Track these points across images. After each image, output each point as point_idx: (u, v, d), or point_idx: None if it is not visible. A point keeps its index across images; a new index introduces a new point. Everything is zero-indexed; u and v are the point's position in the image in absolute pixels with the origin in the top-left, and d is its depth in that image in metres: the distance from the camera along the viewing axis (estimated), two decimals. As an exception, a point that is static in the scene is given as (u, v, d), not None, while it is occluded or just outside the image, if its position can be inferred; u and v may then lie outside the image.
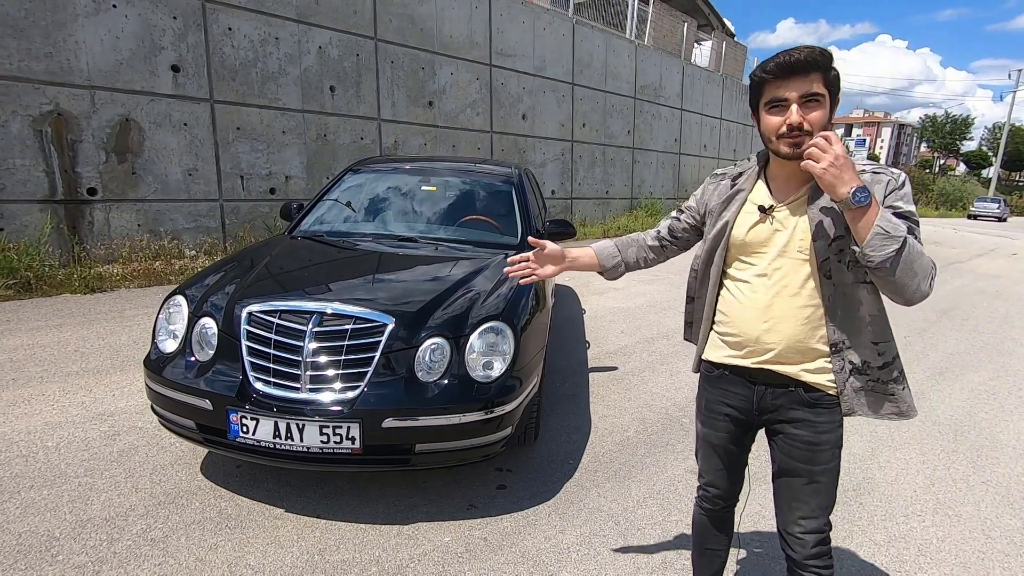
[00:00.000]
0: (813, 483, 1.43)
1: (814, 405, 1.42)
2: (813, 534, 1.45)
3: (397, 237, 3.31)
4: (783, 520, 1.50)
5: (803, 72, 1.26)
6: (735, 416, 1.53)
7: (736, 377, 1.51)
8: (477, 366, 2.25)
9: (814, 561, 1.45)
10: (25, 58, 5.77)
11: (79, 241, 6.18)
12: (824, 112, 1.29)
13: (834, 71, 1.29)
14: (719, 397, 1.56)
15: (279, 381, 2.12)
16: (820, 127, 1.28)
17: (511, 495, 2.49)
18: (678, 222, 1.66)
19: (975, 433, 3.46)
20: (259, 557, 2.02)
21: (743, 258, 1.46)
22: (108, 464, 2.54)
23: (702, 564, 1.80)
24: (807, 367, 1.41)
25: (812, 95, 1.27)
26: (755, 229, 1.42)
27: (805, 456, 1.43)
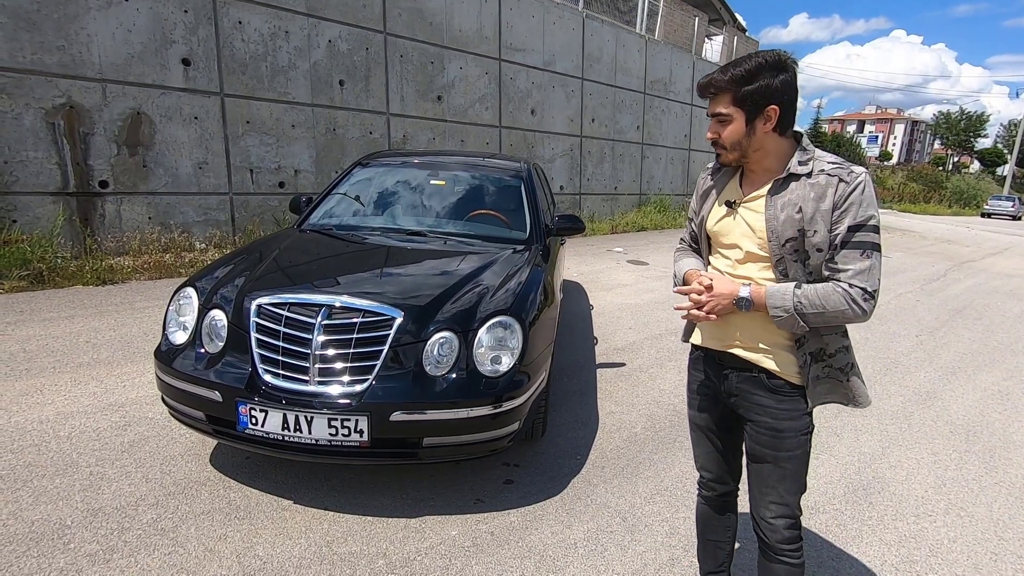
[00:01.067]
0: (779, 468, 1.48)
1: (776, 392, 1.47)
2: (782, 518, 1.50)
3: (406, 231, 3.31)
4: (754, 505, 1.56)
5: (712, 94, 1.40)
6: (713, 396, 1.61)
7: (711, 360, 1.60)
8: (485, 360, 2.24)
9: (786, 546, 1.50)
10: (38, 51, 5.81)
11: (91, 233, 6.23)
12: (735, 128, 1.39)
13: (749, 87, 1.34)
14: (700, 379, 1.65)
15: (288, 373, 2.12)
16: (731, 141, 1.40)
17: (518, 490, 2.49)
18: (691, 229, 1.70)
19: (988, 433, 3.42)
20: (267, 548, 2.03)
21: (718, 249, 1.56)
22: (119, 454, 2.57)
23: (706, 557, 1.82)
24: (769, 355, 1.47)
25: (718, 115, 1.40)
26: (722, 222, 1.51)
27: (770, 442, 1.48)
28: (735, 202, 1.48)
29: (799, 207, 1.36)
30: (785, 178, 1.40)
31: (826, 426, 3.33)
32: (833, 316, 1.34)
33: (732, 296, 1.41)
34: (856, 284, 1.33)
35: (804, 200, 1.36)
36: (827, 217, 1.35)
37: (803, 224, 1.36)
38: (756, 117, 1.36)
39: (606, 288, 6.67)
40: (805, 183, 1.37)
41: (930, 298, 7.44)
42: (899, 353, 4.94)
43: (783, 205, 1.38)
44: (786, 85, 1.35)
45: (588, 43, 11.98)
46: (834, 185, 1.34)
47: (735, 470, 1.70)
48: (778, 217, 1.38)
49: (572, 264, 7.83)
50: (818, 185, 1.36)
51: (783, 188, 1.40)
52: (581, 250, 9.26)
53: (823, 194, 1.35)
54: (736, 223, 1.47)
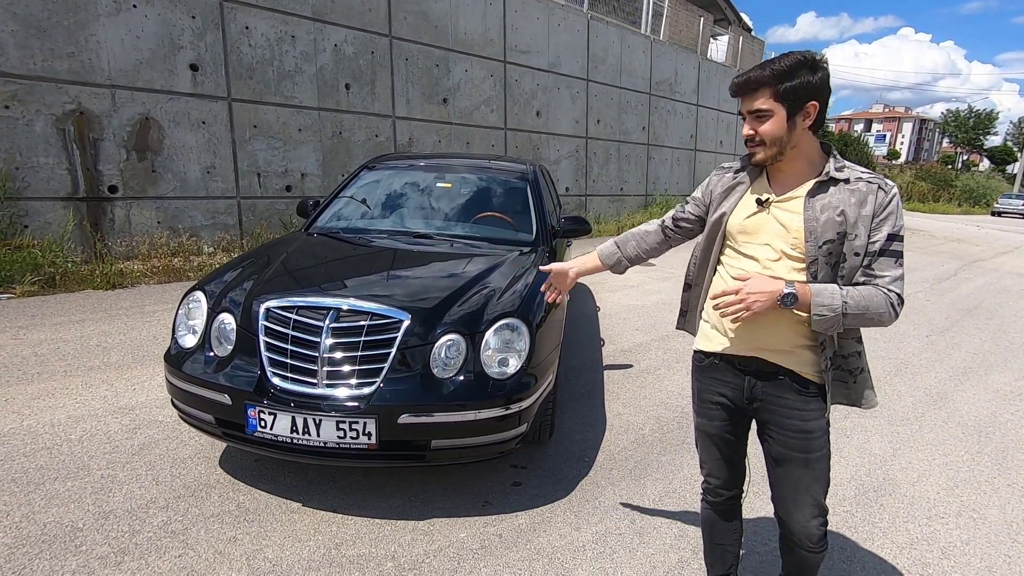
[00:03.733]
0: (811, 470, 1.49)
1: (802, 393, 1.48)
2: (818, 518, 1.51)
3: (412, 234, 3.32)
4: (786, 510, 1.55)
5: (750, 92, 1.40)
6: (727, 404, 1.59)
7: (726, 365, 1.56)
8: (493, 363, 2.24)
9: (812, 542, 1.52)
10: (48, 58, 5.87)
11: (100, 238, 6.29)
12: (776, 123, 1.39)
13: (790, 83, 1.36)
14: (710, 386, 1.61)
15: (296, 376, 2.13)
16: (771, 137, 1.40)
17: (526, 492, 2.49)
18: (682, 212, 1.71)
19: (1000, 434, 3.38)
20: (277, 550, 2.04)
21: (737, 248, 1.53)
22: (129, 457, 2.58)
23: (713, 560, 1.82)
24: (794, 356, 1.47)
25: (757, 111, 1.39)
26: (751, 219, 1.49)
27: (800, 444, 1.49)
28: (767, 200, 1.46)
29: (841, 210, 1.38)
30: (825, 181, 1.41)
31: (836, 427, 3.30)
32: (871, 319, 1.37)
33: (776, 293, 1.36)
34: (893, 290, 1.38)
35: (846, 204, 1.38)
36: (868, 223, 1.38)
37: (844, 228, 1.38)
38: (797, 113, 1.37)
39: (612, 289, 6.66)
40: (844, 188, 1.40)
41: (940, 298, 7.37)
42: (909, 353, 4.90)
43: (823, 207, 1.40)
44: (823, 83, 1.38)
45: (593, 44, 11.98)
46: (874, 192, 1.39)
47: (741, 475, 1.71)
48: (818, 219, 1.39)
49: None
50: (859, 191, 1.39)
51: (822, 191, 1.41)
52: (587, 251, 9.22)
53: (864, 200, 1.38)
54: (767, 221, 1.46)
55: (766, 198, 1.47)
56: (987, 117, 53.49)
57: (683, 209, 1.70)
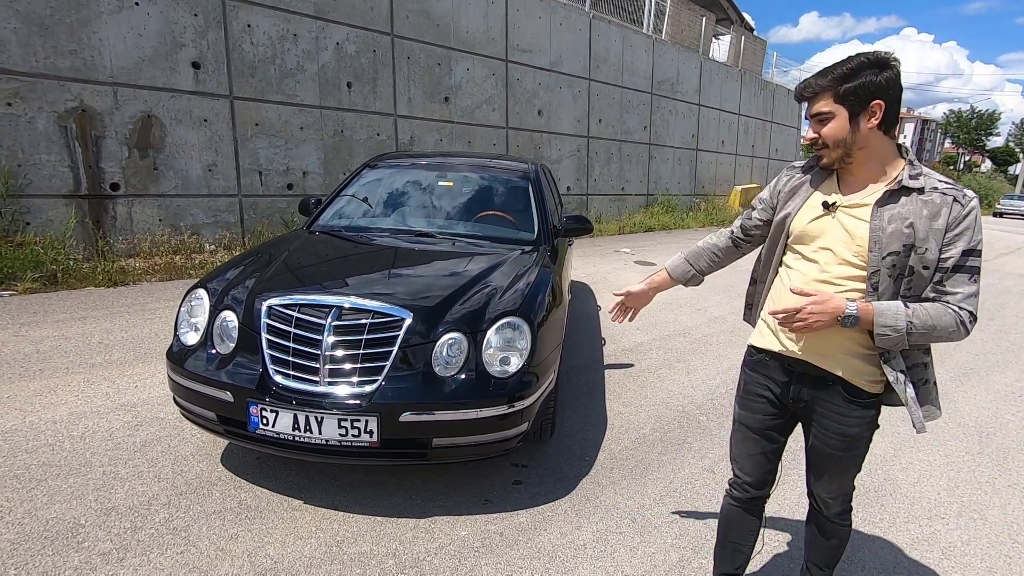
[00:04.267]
0: (845, 465, 1.56)
1: (850, 400, 1.47)
2: (839, 498, 1.62)
3: (414, 232, 3.32)
4: (813, 484, 1.65)
5: (811, 96, 1.41)
6: (773, 399, 1.59)
7: (776, 363, 1.57)
8: (494, 361, 2.24)
9: (838, 518, 1.66)
10: (51, 55, 5.88)
11: (102, 235, 6.29)
12: (838, 124, 1.38)
13: (851, 84, 1.35)
14: (758, 381, 1.62)
15: (298, 374, 2.14)
16: (834, 139, 1.39)
17: (527, 491, 2.49)
18: (750, 220, 1.72)
19: (1001, 435, 3.38)
20: (278, 548, 2.04)
21: (799, 248, 1.50)
22: (131, 454, 2.59)
23: (724, 557, 1.81)
24: (845, 364, 1.45)
25: (818, 114, 1.40)
26: (815, 223, 1.46)
27: (839, 445, 1.52)
28: (835, 204, 1.44)
29: (910, 222, 1.34)
30: (897, 190, 1.38)
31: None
32: (938, 336, 1.34)
33: (838, 313, 1.35)
34: (964, 307, 1.34)
35: (916, 216, 1.34)
36: (939, 236, 1.34)
37: (912, 240, 1.34)
38: (860, 113, 1.36)
39: (614, 289, 6.65)
40: (917, 199, 1.36)
41: (941, 298, 7.36)
42: (910, 354, 4.89)
43: (891, 218, 1.36)
44: (891, 82, 1.35)
45: (595, 43, 11.97)
46: (948, 205, 1.34)
47: (770, 475, 1.70)
48: (884, 228, 1.36)
49: (579, 265, 7.82)
50: (932, 203, 1.34)
51: (893, 200, 1.37)
52: (588, 251, 9.24)
53: (937, 212, 1.34)
54: (832, 226, 1.43)
55: (833, 201, 1.44)
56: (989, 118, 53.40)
57: (750, 216, 1.71)
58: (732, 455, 1.74)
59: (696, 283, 1.86)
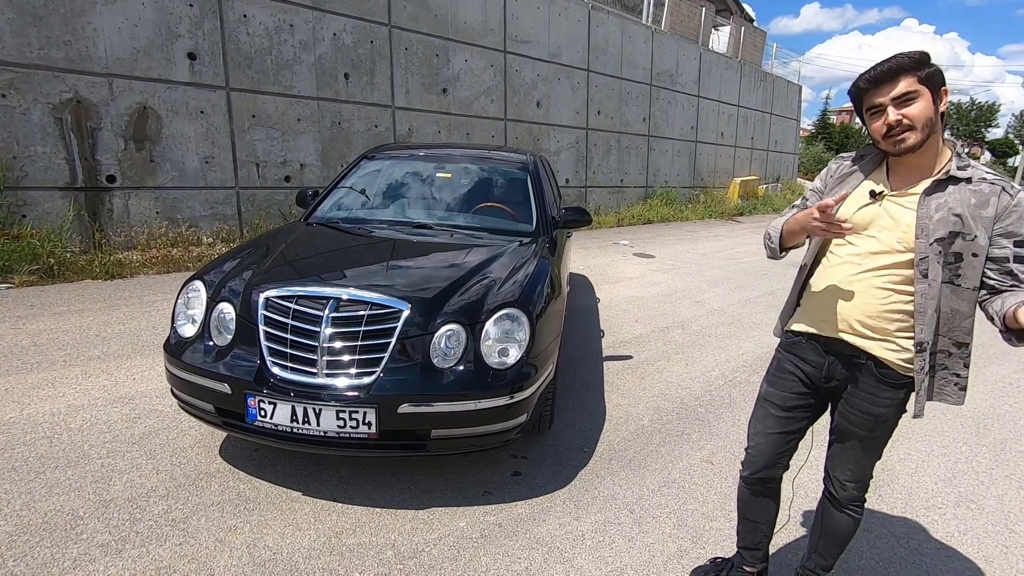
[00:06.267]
0: (868, 448, 1.60)
1: (881, 380, 1.52)
2: (856, 483, 1.65)
3: (412, 224, 3.30)
4: (833, 466, 1.68)
5: (891, 79, 1.39)
6: (803, 378, 1.65)
7: (811, 344, 1.62)
8: (492, 353, 2.24)
9: (852, 503, 1.68)
10: (45, 46, 5.82)
11: (99, 228, 6.27)
12: (923, 104, 1.38)
13: (929, 69, 1.38)
14: (792, 361, 1.67)
15: (296, 366, 2.13)
16: (922, 119, 1.38)
17: (526, 482, 2.50)
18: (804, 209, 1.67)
19: (998, 426, 3.39)
20: (277, 539, 2.04)
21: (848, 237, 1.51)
22: (129, 446, 2.59)
23: (744, 533, 1.90)
24: (880, 343, 1.50)
25: (903, 95, 1.38)
26: (862, 211, 1.50)
27: (863, 424, 1.57)
28: (881, 193, 1.48)
29: (957, 211, 1.39)
30: (944, 180, 1.42)
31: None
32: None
33: None
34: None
35: (963, 204, 1.39)
36: (988, 225, 1.38)
37: (960, 227, 1.38)
38: (938, 96, 1.39)
39: (612, 281, 6.65)
40: (964, 188, 1.40)
41: (940, 290, 7.36)
42: (908, 345, 4.90)
43: (938, 206, 1.40)
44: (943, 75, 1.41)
45: (594, 34, 11.90)
46: (997, 194, 1.38)
47: (785, 458, 1.74)
48: (931, 216, 1.40)
49: (578, 257, 7.81)
50: (980, 192, 1.39)
51: (940, 189, 1.41)
52: (587, 243, 9.23)
53: (986, 202, 1.38)
54: (878, 214, 1.48)
55: (880, 191, 1.48)
56: (988, 109, 53.24)
57: (805, 206, 1.68)
58: (749, 432, 1.79)
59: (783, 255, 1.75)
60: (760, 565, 1.89)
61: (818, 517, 1.80)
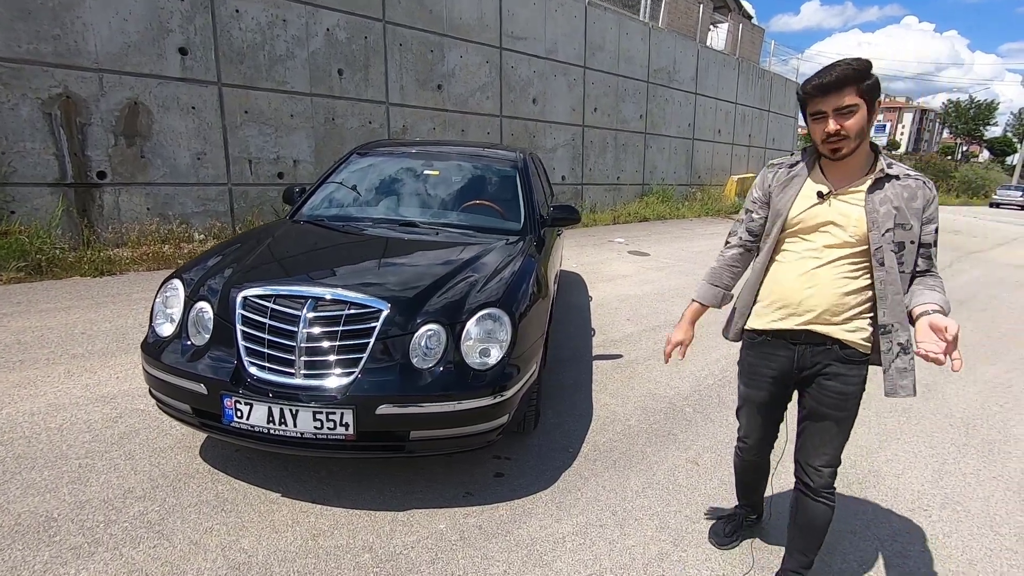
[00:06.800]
0: (839, 427, 1.71)
1: (847, 361, 1.66)
2: (830, 467, 1.75)
3: (398, 222, 3.27)
4: (806, 455, 1.77)
5: (837, 89, 1.50)
6: (775, 377, 1.78)
7: (778, 341, 1.74)
8: (473, 353, 2.21)
9: (826, 490, 1.76)
10: (34, 40, 5.77)
11: (89, 224, 6.23)
12: (859, 117, 1.52)
13: (869, 81, 1.50)
14: (762, 361, 1.79)
15: (273, 366, 2.10)
16: (856, 130, 1.52)
17: (508, 483, 2.47)
18: (753, 222, 1.83)
19: (987, 427, 3.38)
20: (253, 541, 2.02)
21: (800, 235, 1.67)
22: (109, 446, 2.56)
23: (742, 491, 2.17)
24: (842, 327, 1.64)
25: (844, 107, 1.50)
26: (810, 211, 1.64)
27: (836, 404, 1.69)
28: (829, 193, 1.61)
29: (895, 204, 1.56)
30: (882, 177, 1.59)
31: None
32: None
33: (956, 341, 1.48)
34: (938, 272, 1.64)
35: (900, 198, 1.57)
36: (918, 215, 1.58)
37: (900, 219, 1.56)
38: (874, 108, 1.54)
39: (606, 279, 6.63)
40: (897, 184, 1.58)
41: (934, 289, 7.35)
42: (900, 345, 4.88)
43: (881, 200, 1.57)
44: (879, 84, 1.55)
45: (590, 31, 11.85)
46: (922, 188, 1.58)
47: (771, 440, 1.95)
48: (878, 210, 1.57)
49: (572, 255, 7.79)
50: (910, 187, 1.58)
51: (879, 187, 1.58)
52: (582, 240, 9.20)
53: (915, 195, 1.57)
54: (829, 212, 1.61)
55: (827, 191, 1.62)
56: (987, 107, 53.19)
57: (751, 219, 1.82)
58: (742, 424, 1.97)
59: (728, 300, 1.96)
60: (759, 512, 2.20)
61: (794, 514, 1.86)
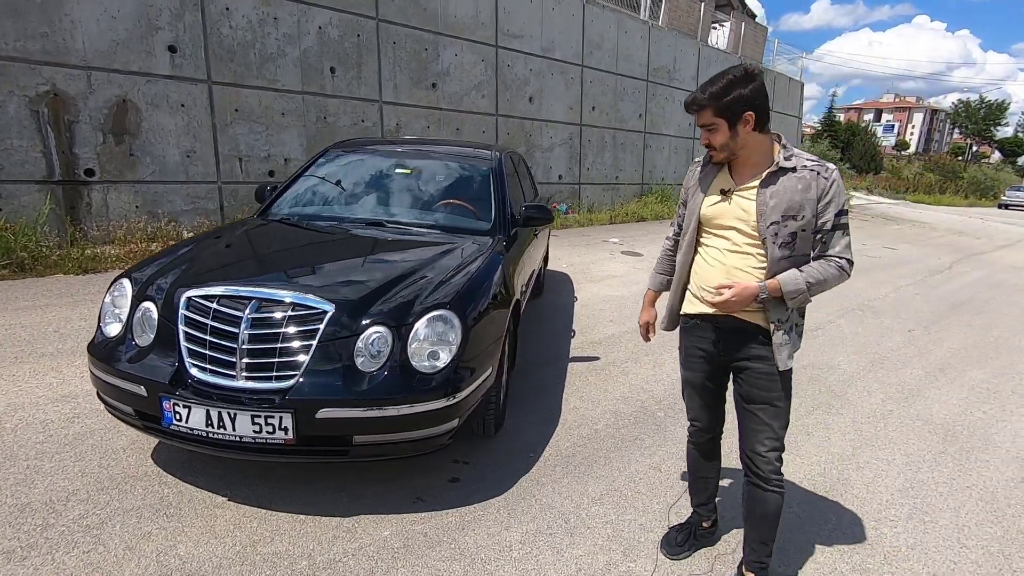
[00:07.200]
0: (773, 407, 1.78)
1: (767, 344, 1.76)
2: (775, 451, 1.80)
3: (365, 221, 3.22)
4: (749, 443, 1.84)
5: (696, 111, 1.68)
6: (707, 356, 1.89)
7: (706, 324, 1.85)
8: (421, 356, 2.16)
9: (776, 476, 1.81)
10: (21, 38, 5.77)
11: (76, 222, 6.22)
12: (719, 133, 1.66)
13: (727, 99, 1.60)
14: (694, 343, 1.91)
15: (215, 368, 2.06)
16: (720, 144, 1.68)
17: (463, 488, 2.42)
18: (681, 217, 1.96)
19: (967, 434, 3.29)
20: (190, 547, 1.98)
21: (710, 230, 1.80)
22: (61, 447, 2.53)
23: (697, 491, 2.15)
24: (757, 313, 1.75)
25: (705, 126, 1.68)
26: (716, 206, 1.77)
27: (765, 385, 1.77)
28: (730, 190, 1.73)
29: (787, 196, 1.65)
30: (775, 171, 1.67)
31: (796, 425, 3.22)
32: (830, 284, 1.69)
33: (753, 296, 1.67)
34: (843, 256, 1.69)
35: (792, 191, 1.65)
36: (813, 205, 1.65)
37: (792, 211, 1.64)
38: (737, 123, 1.63)
39: (595, 279, 6.56)
40: (792, 176, 1.66)
41: (931, 291, 7.24)
42: (888, 348, 4.79)
43: (772, 194, 1.66)
44: (756, 92, 1.62)
45: (589, 29, 11.76)
46: (815, 179, 1.65)
47: (719, 418, 2.02)
48: (767, 203, 1.66)
49: (564, 254, 7.73)
50: (804, 179, 1.65)
51: (773, 180, 1.67)
52: (576, 240, 9.13)
53: (809, 186, 1.65)
54: (731, 208, 1.73)
55: (728, 188, 1.74)
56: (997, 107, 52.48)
57: (681, 214, 1.96)
58: (687, 409, 2.05)
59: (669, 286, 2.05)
60: (712, 517, 2.17)
61: (748, 507, 1.89)
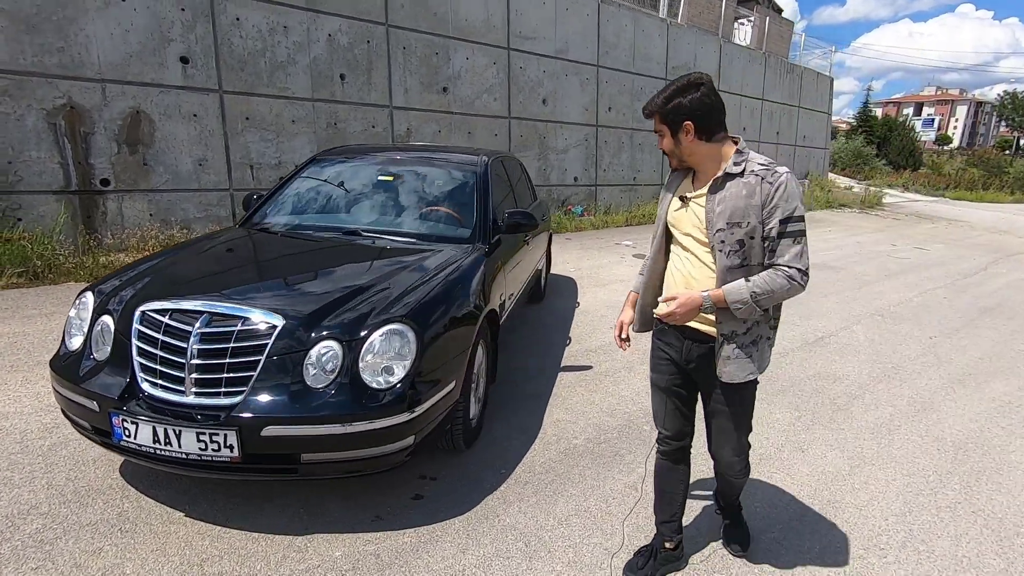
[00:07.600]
0: (735, 418, 1.82)
1: None
2: (738, 457, 1.88)
3: (342, 229, 3.19)
4: (715, 447, 1.92)
5: (649, 116, 1.70)
6: (672, 361, 1.88)
7: (673, 331, 1.85)
8: (374, 371, 2.10)
9: (742, 471, 1.92)
10: (38, 53, 5.96)
11: (91, 230, 6.40)
12: (667, 140, 1.69)
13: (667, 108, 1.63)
14: (662, 347, 1.92)
15: (166, 384, 2.04)
16: (668, 149, 1.71)
17: (425, 506, 2.35)
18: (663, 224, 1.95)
19: (980, 452, 3.06)
20: (137, 565, 1.96)
21: (676, 235, 1.82)
22: (33, 458, 2.55)
23: (662, 507, 2.06)
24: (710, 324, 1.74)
25: (656, 131, 1.71)
26: (677, 214, 1.78)
27: (720, 397, 1.80)
28: (687, 197, 1.74)
29: (732, 203, 1.62)
30: (722, 177, 1.66)
31: (791, 441, 3.05)
32: (780, 296, 1.62)
33: (697, 305, 1.65)
34: (793, 266, 1.61)
35: (737, 197, 1.62)
36: (757, 211, 1.61)
37: (736, 217, 1.61)
38: (678, 131, 1.64)
39: (601, 284, 6.42)
40: (739, 182, 1.63)
41: (960, 295, 6.86)
42: (904, 357, 4.53)
43: (719, 200, 1.65)
44: (695, 102, 1.61)
45: (604, 28, 11.59)
46: (759, 184, 1.60)
47: (689, 427, 1.97)
48: (715, 210, 1.65)
49: (572, 257, 7.60)
50: (749, 184, 1.62)
51: (721, 186, 1.65)
52: (588, 243, 8.99)
53: (753, 191, 1.61)
54: (688, 215, 1.74)
55: (686, 195, 1.75)
56: (1048, 98, 49.96)
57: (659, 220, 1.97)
58: (654, 414, 2.01)
59: None
60: (676, 538, 2.06)
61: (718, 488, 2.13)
